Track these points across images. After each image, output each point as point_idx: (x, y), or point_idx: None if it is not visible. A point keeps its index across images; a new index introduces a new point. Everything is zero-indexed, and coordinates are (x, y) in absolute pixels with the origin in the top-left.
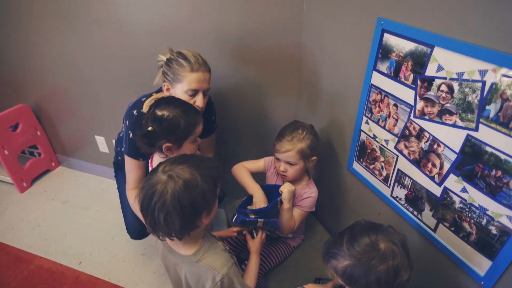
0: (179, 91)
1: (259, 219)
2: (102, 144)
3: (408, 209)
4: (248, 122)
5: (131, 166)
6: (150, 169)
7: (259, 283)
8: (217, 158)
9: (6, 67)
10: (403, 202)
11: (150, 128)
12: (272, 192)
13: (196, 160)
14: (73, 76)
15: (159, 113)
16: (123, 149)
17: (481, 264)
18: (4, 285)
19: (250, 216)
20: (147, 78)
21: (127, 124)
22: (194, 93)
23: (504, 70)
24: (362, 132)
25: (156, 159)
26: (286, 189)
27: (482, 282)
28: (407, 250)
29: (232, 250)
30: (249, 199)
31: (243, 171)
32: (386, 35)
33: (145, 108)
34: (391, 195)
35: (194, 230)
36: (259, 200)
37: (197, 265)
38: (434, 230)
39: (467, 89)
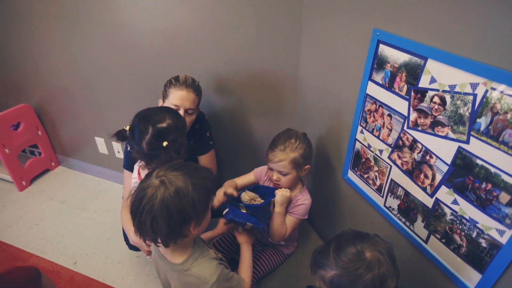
0: (166, 106)
1: (247, 222)
2: (102, 145)
3: (400, 220)
4: (243, 132)
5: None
6: (136, 179)
7: None
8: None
9: (10, 67)
10: (396, 212)
11: (165, 143)
12: (267, 193)
13: (192, 168)
14: (75, 77)
15: (163, 125)
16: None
17: (471, 277)
18: None
19: (242, 211)
20: (147, 82)
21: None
22: (176, 109)
23: (494, 84)
24: (357, 141)
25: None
26: (280, 192)
27: None
28: (393, 258)
29: (226, 253)
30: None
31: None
32: (381, 46)
33: None
34: (384, 205)
35: (181, 239)
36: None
37: (186, 274)
38: (426, 241)
39: (459, 102)
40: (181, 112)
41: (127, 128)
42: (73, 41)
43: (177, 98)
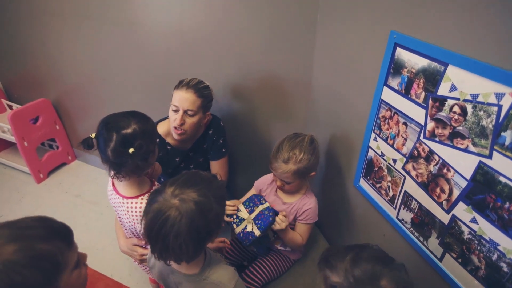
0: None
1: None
2: None
3: (413, 234)
4: (255, 136)
5: None
6: (112, 190)
7: None
8: (227, 182)
9: (30, 63)
10: (409, 226)
11: (131, 150)
12: (263, 216)
13: (205, 180)
14: (91, 74)
15: (128, 131)
16: None
17: None
18: None
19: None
20: (159, 81)
21: None
22: (176, 110)
23: None
24: (370, 149)
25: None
26: (278, 226)
27: None
28: None
29: (233, 259)
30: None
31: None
32: (398, 50)
33: (160, 129)
34: (397, 217)
35: (202, 252)
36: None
37: (205, 282)
38: (440, 259)
39: (481, 113)
40: (180, 113)
41: (93, 135)
42: (90, 39)
43: (176, 99)
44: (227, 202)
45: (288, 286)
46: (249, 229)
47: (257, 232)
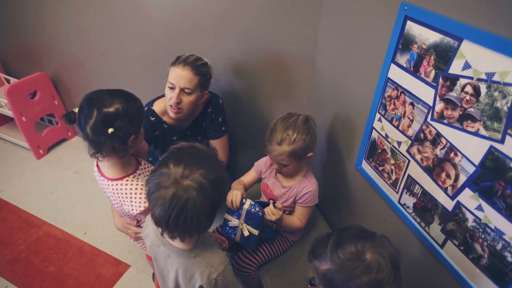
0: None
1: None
2: None
3: (415, 219)
4: (257, 115)
5: None
6: (97, 172)
7: (252, 275)
8: (228, 162)
9: (26, 35)
10: (410, 211)
11: (111, 130)
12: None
13: (206, 154)
14: (90, 48)
15: (110, 109)
16: None
17: None
18: (14, 246)
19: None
20: (159, 55)
21: None
22: (172, 87)
23: None
24: (374, 130)
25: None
26: (269, 217)
27: None
28: (397, 266)
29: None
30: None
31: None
32: (409, 23)
33: (156, 107)
34: (399, 202)
35: None
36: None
37: (194, 260)
38: (442, 246)
39: (496, 93)
40: (176, 91)
41: (76, 110)
42: (88, 11)
43: (172, 76)
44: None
45: (285, 267)
46: (246, 233)
47: (255, 232)
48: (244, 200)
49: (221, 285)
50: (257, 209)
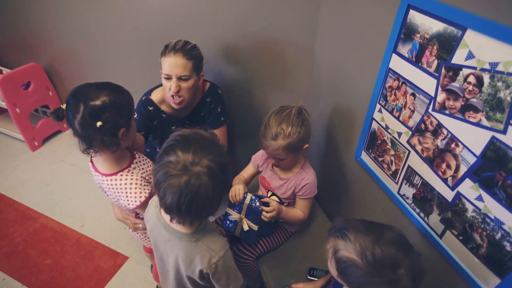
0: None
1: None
2: None
3: (414, 210)
4: (255, 105)
5: None
6: (91, 167)
7: (251, 266)
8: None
9: (20, 25)
10: (410, 202)
11: (99, 123)
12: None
13: (211, 140)
14: (84, 38)
15: (96, 102)
16: None
17: (488, 280)
18: (10, 239)
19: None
20: (155, 44)
21: None
22: (168, 77)
23: None
24: (373, 121)
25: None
26: (266, 219)
27: None
28: (420, 282)
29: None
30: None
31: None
32: (411, 12)
33: (154, 96)
34: (398, 192)
35: None
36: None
37: (195, 244)
38: (440, 236)
39: (499, 83)
40: (174, 80)
41: (64, 106)
42: (83, 1)
43: (166, 66)
44: None
45: (284, 258)
46: (245, 227)
47: (254, 227)
48: (245, 195)
49: (221, 269)
50: (257, 204)
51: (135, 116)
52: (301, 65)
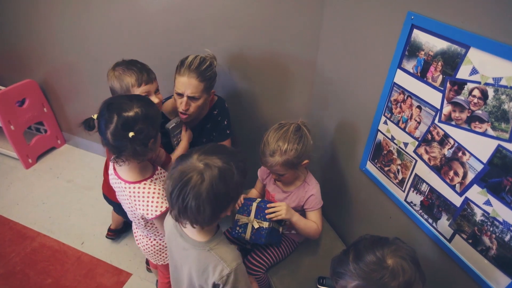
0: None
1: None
2: None
3: (422, 216)
4: (256, 118)
5: None
6: (113, 174)
7: (261, 278)
8: None
9: (15, 41)
10: (417, 208)
11: (131, 134)
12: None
13: (230, 151)
14: (82, 54)
15: (130, 114)
16: None
17: (498, 281)
18: (7, 260)
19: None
20: (157, 61)
21: None
22: (180, 96)
23: None
24: (379, 132)
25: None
26: (274, 215)
27: None
28: (417, 262)
29: (237, 243)
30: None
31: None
32: (415, 31)
33: (165, 109)
34: (405, 200)
35: (217, 221)
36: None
37: (208, 254)
38: (450, 240)
39: (503, 96)
40: (184, 99)
41: (95, 116)
42: (80, 15)
43: (179, 86)
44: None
45: (293, 267)
46: (256, 226)
47: (265, 224)
48: (253, 198)
49: (232, 282)
50: (267, 204)
51: None
52: (303, 78)
